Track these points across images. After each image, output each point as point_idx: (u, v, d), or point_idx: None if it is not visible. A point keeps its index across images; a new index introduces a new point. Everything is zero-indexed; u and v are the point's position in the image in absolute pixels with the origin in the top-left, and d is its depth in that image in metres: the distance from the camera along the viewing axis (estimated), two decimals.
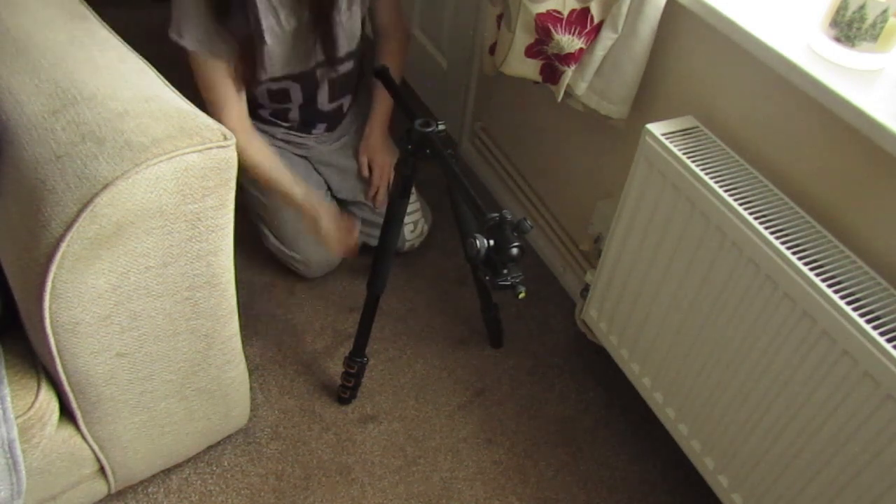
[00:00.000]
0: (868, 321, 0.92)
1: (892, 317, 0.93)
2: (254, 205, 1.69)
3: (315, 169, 1.71)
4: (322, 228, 1.52)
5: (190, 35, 1.28)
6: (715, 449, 1.22)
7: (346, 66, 1.53)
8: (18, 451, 0.98)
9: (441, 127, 1.16)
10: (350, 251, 1.60)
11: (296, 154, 1.68)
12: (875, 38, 0.97)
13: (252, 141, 1.46)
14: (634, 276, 1.30)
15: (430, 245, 1.82)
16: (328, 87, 1.55)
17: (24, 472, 1.00)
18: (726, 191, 1.07)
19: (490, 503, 1.38)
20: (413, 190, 1.47)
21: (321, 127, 1.66)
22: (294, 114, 1.59)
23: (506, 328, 1.66)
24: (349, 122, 1.71)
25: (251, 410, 1.42)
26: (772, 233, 1.02)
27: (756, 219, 1.03)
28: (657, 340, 1.28)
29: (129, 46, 1.06)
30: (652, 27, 1.20)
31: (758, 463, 1.14)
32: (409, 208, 1.68)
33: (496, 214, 0.96)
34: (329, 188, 1.71)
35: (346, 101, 1.64)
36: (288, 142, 1.66)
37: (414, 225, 1.71)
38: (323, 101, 1.58)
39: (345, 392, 1.47)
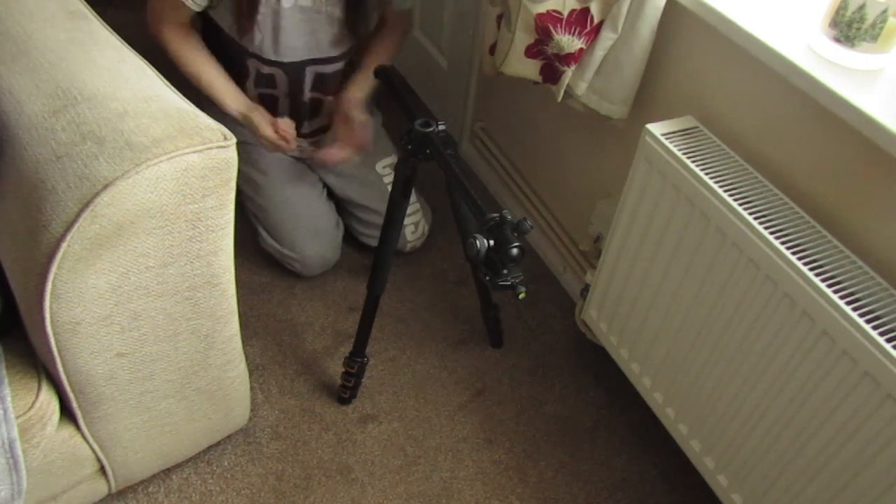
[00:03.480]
0: (868, 321, 0.92)
1: (892, 317, 0.93)
2: (248, 205, 1.69)
3: (310, 168, 1.71)
4: (260, 136, 1.52)
5: None
6: (715, 449, 1.22)
7: (337, 66, 1.54)
8: (19, 451, 0.98)
9: (441, 127, 1.16)
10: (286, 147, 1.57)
11: (290, 155, 1.68)
12: (875, 38, 0.97)
13: (186, 49, 1.47)
14: (634, 276, 1.30)
15: (431, 245, 1.82)
16: (313, 81, 1.55)
17: (24, 471, 1.00)
18: (726, 191, 1.07)
19: (490, 503, 1.38)
20: (413, 190, 1.47)
21: (310, 125, 1.66)
22: (283, 107, 1.59)
23: (506, 328, 1.66)
24: None
25: (251, 410, 1.42)
26: (772, 233, 1.02)
27: (756, 219, 1.03)
28: (657, 340, 1.28)
29: (129, 46, 1.06)
30: (652, 27, 1.20)
31: (758, 463, 1.14)
32: (410, 209, 1.68)
33: (496, 214, 0.96)
34: (325, 186, 1.71)
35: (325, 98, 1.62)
36: None
37: (415, 226, 1.71)
38: (306, 92, 1.58)
39: (345, 392, 1.47)
